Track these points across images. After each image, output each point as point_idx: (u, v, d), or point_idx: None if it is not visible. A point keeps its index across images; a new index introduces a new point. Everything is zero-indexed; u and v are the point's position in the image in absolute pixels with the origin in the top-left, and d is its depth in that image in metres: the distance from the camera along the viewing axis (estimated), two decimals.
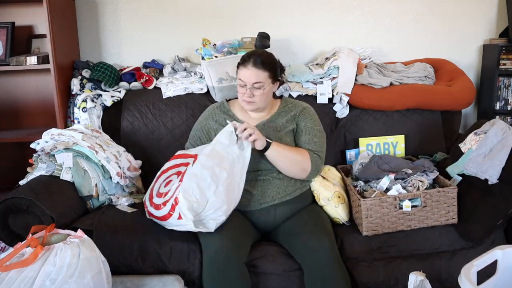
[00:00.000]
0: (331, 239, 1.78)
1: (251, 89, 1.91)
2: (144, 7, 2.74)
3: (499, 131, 1.92)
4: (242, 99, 1.96)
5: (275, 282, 1.79)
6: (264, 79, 1.92)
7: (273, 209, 1.90)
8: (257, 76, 1.90)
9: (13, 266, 1.38)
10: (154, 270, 1.79)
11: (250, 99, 1.93)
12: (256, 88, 1.92)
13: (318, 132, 2.03)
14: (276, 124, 2.00)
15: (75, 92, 2.52)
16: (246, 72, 1.91)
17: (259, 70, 1.91)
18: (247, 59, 1.93)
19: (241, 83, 1.94)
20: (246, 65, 1.91)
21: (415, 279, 1.52)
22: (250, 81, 1.91)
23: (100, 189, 2.04)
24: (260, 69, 1.91)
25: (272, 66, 1.96)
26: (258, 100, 1.94)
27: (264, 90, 1.93)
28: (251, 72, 1.90)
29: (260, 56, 1.93)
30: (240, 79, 1.93)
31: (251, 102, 1.95)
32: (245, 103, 1.96)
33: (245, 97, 1.94)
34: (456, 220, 1.91)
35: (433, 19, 2.79)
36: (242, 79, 1.92)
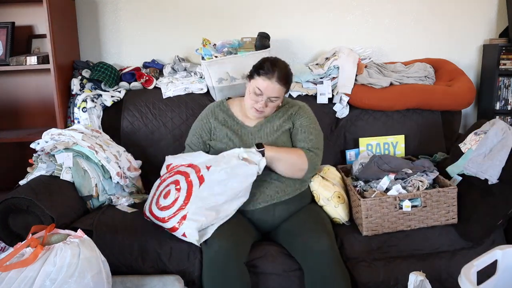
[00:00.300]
0: (331, 239, 1.78)
1: (267, 101, 1.90)
2: (144, 7, 2.74)
3: (499, 131, 1.92)
4: (252, 106, 1.93)
5: (275, 282, 1.79)
6: (282, 94, 1.92)
7: (272, 208, 1.90)
8: (278, 92, 1.89)
9: (13, 266, 1.38)
10: (154, 270, 1.80)
11: (263, 109, 1.91)
12: (271, 102, 1.91)
13: (314, 130, 2.00)
14: (273, 124, 1.99)
15: (75, 92, 2.52)
16: (269, 84, 1.86)
17: (281, 86, 1.89)
18: (271, 71, 1.86)
19: (258, 92, 1.89)
20: (270, 77, 1.86)
21: (415, 279, 1.52)
22: (270, 95, 1.88)
23: (100, 189, 2.04)
24: (282, 86, 1.89)
25: (290, 81, 1.95)
26: (268, 112, 1.95)
27: (276, 103, 1.93)
28: (273, 86, 1.87)
29: (283, 71, 1.89)
30: (259, 88, 1.88)
31: (262, 112, 1.93)
32: (254, 110, 1.93)
33: (258, 106, 1.91)
34: (456, 220, 1.91)
35: (433, 19, 2.79)
36: (262, 90, 1.88)
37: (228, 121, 2.02)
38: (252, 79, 1.92)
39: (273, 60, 1.94)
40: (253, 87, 1.90)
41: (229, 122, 2.01)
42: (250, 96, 1.92)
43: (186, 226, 1.72)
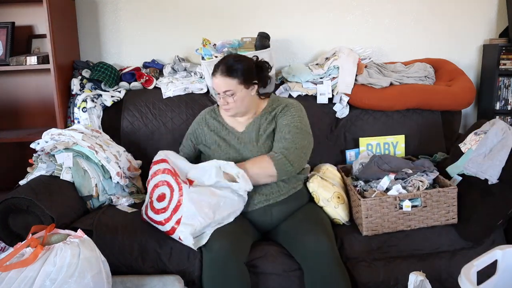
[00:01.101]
0: (330, 239, 1.78)
1: (224, 97, 1.91)
2: (144, 7, 2.74)
3: (499, 131, 1.92)
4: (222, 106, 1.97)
5: (275, 282, 1.79)
6: (234, 87, 1.88)
7: (269, 209, 1.90)
8: (226, 85, 1.88)
9: (13, 266, 1.38)
10: (154, 270, 1.80)
11: (226, 106, 1.93)
12: (228, 96, 1.91)
13: (294, 128, 1.91)
14: (259, 126, 1.98)
15: (75, 92, 2.52)
16: (215, 80, 1.91)
17: (226, 78, 1.88)
18: (216, 68, 1.92)
19: (215, 91, 1.96)
20: (215, 74, 1.91)
21: (415, 279, 1.52)
22: (220, 90, 1.91)
23: (100, 189, 2.04)
24: (227, 77, 1.88)
25: (241, 72, 1.89)
26: (233, 107, 1.93)
27: (236, 97, 1.90)
28: (219, 81, 1.90)
29: (226, 64, 1.90)
30: (213, 87, 1.96)
31: (228, 109, 1.95)
32: (224, 110, 1.98)
33: (221, 105, 1.96)
34: (456, 220, 1.91)
35: (433, 19, 2.79)
36: (215, 88, 1.94)
37: (218, 127, 2.03)
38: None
39: (222, 58, 1.98)
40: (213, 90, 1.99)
41: (218, 128, 2.02)
42: (216, 98, 2.01)
43: (180, 230, 1.73)
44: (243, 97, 1.92)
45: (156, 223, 1.81)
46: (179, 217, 1.74)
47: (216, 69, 1.91)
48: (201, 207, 1.73)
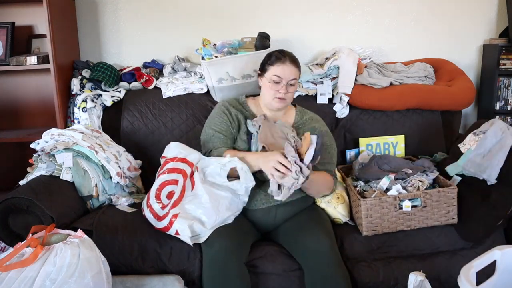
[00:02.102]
0: (331, 239, 1.78)
1: (287, 86, 1.93)
2: (144, 7, 2.74)
3: (498, 131, 1.92)
4: (274, 96, 1.94)
5: (275, 282, 1.79)
6: (297, 76, 1.97)
7: (274, 209, 1.90)
8: (294, 73, 1.94)
9: (13, 266, 1.38)
10: (154, 270, 1.80)
11: (285, 95, 1.93)
12: (291, 85, 1.94)
13: (334, 150, 2.04)
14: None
15: (75, 92, 2.52)
16: (285, 68, 1.91)
17: (295, 67, 1.94)
18: (283, 56, 1.94)
19: (276, 80, 1.92)
20: (284, 61, 1.92)
21: (415, 279, 1.52)
22: (288, 78, 1.92)
23: (100, 189, 2.04)
24: (296, 66, 1.95)
25: (300, 65, 2.00)
26: (289, 97, 1.97)
27: (294, 87, 1.97)
28: (290, 69, 1.92)
29: (292, 55, 1.98)
30: (277, 75, 1.92)
31: (283, 100, 1.95)
32: (277, 100, 1.94)
33: (280, 94, 1.93)
34: (456, 220, 1.91)
35: (433, 19, 2.79)
36: (280, 75, 1.92)
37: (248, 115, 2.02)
38: (266, 72, 1.97)
39: (279, 50, 2.01)
40: (270, 78, 1.94)
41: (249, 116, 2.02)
42: (270, 87, 1.94)
43: (178, 223, 1.73)
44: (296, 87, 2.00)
45: (155, 216, 1.82)
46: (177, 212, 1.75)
47: (282, 56, 1.94)
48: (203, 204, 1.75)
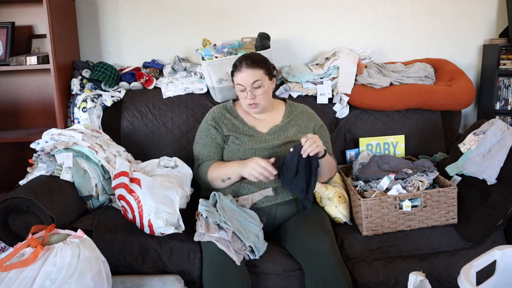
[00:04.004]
0: (331, 239, 1.78)
1: (252, 91, 1.92)
2: (144, 7, 2.74)
3: (497, 131, 1.91)
4: (246, 104, 1.96)
5: (275, 282, 1.79)
6: (261, 77, 1.93)
7: (274, 208, 1.91)
8: (254, 75, 1.91)
9: (13, 266, 1.38)
10: (154, 270, 1.79)
11: (253, 101, 1.94)
12: (256, 88, 1.93)
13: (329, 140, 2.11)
14: (287, 134, 2.00)
15: (75, 92, 2.52)
16: (242, 75, 1.92)
17: (254, 70, 1.92)
18: (239, 64, 1.95)
19: (240, 88, 1.94)
20: (240, 68, 1.93)
21: (415, 279, 1.52)
22: (248, 83, 1.91)
23: (100, 189, 2.04)
24: (254, 68, 1.92)
25: (265, 63, 1.97)
26: (260, 100, 1.95)
27: (264, 88, 1.94)
28: (246, 74, 1.91)
29: (250, 57, 1.96)
30: (239, 83, 1.94)
31: (255, 104, 1.95)
32: (249, 107, 1.97)
33: (248, 100, 1.94)
34: (456, 220, 1.91)
35: (433, 19, 2.79)
36: (241, 83, 1.93)
37: (237, 124, 2.02)
38: (233, 82, 2.00)
39: (240, 56, 2.01)
40: (236, 87, 1.97)
41: (238, 125, 2.02)
42: (240, 96, 1.98)
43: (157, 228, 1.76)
44: (268, 89, 1.97)
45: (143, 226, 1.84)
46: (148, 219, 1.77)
47: (238, 64, 1.94)
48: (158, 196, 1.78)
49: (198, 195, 2.06)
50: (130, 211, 1.82)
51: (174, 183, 1.86)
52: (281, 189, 1.91)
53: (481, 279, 1.46)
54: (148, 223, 1.77)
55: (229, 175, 1.89)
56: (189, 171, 1.99)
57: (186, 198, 1.90)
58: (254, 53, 2.03)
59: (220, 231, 1.74)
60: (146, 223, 1.77)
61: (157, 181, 1.83)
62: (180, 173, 1.96)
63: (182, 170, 1.98)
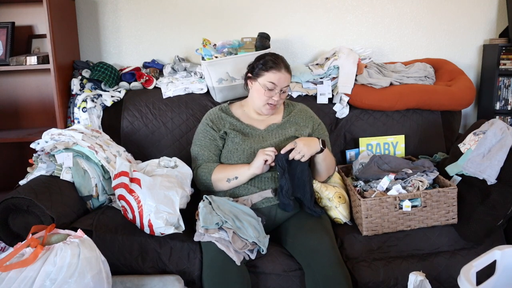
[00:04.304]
0: (331, 239, 1.78)
1: (280, 93, 1.94)
2: (144, 7, 2.74)
3: (497, 131, 1.91)
4: (266, 102, 1.96)
5: (275, 282, 1.79)
6: (290, 82, 1.98)
7: (274, 209, 1.91)
8: (288, 80, 1.95)
9: (13, 266, 1.38)
10: (154, 270, 1.79)
11: (277, 102, 1.96)
12: (283, 92, 1.95)
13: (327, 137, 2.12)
14: (286, 132, 2.01)
15: (75, 92, 2.52)
16: (281, 76, 1.92)
17: (288, 74, 1.95)
18: (279, 62, 1.93)
19: (271, 87, 1.93)
20: (280, 69, 1.92)
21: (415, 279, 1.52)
22: (282, 85, 1.93)
23: (100, 189, 2.04)
24: (289, 73, 1.96)
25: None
26: (280, 104, 2.00)
27: (287, 92, 1.99)
28: (285, 77, 1.93)
29: (283, 60, 1.97)
30: (272, 82, 1.92)
31: (275, 106, 1.97)
32: (268, 107, 1.97)
33: (273, 101, 1.95)
34: (456, 220, 1.91)
35: (433, 19, 2.79)
36: (275, 83, 1.92)
37: (235, 124, 2.03)
38: (259, 77, 1.96)
39: (271, 53, 2.01)
40: (264, 84, 1.94)
41: (237, 124, 2.03)
42: (264, 93, 1.95)
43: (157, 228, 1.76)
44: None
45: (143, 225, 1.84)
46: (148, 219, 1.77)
47: (278, 63, 1.93)
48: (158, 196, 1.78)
49: (198, 195, 2.06)
50: (130, 211, 1.82)
51: (174, 183, 1.86)
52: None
53: (481, 279, 1.46)
54: (148, 223, 1.77)
55: (237, 174, 1.89)
56: (189, 171, 1.99)
57: (186, 198, 1.89)
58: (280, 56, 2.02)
59: (220, 231, 1.74)
60: (146, 223, 1.77)
61: (157, 181, 1.83)
62: (180, 173, 1.96)
63: (182, 170, 1.98)
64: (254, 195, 1.89)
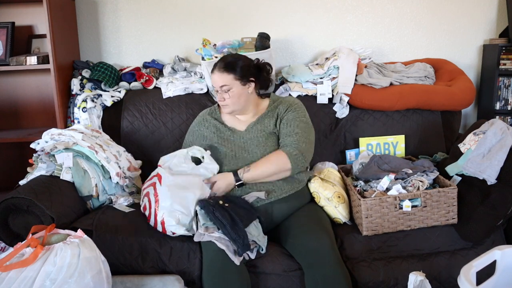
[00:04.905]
0: (331, 239, 1.78)
1: (221, 93, 1.99)
2: (144, 7, 2.74)
3: (497, 131, 1.91)
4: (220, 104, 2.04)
5: (275, 282, 1.79)
6: (230, 82, 1.96)
7: (270, 207, 1.91)
8: (222, 80, 1.97)
9: (13, 266, 1.38)
10: (154, 270, 1.80)
11: (222, 102, 2.00)
12: (225, 92, 1.98)
13: (301, 122, 1.99)
14: (264, 126, 2.03)
15: (75, 92, 2.52)
16: (214, 77, 1.99)
17: (223, 74, 1.96)
18: (214, 65, 2.01)
19: (215, 89, 2.02)
20: (213, 71, 2.00)
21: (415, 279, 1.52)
22: (217, 85, 1.99)
23: (100, 189, 2.04)
24: (223, 73, 1.96)
25: (237, 68, 1.96)
26: (229, 103, 2.00)
27: (233, 92, 1.97)
28: (216, 77, 1.98)
29: (224, 60, 2.00)
30: (212, 85, 2.03)
31: (225, 106, 2.01)
32: (222, 107, 2.04)
33: (219, 101, 2.02)
34: (456, 220, 1.91)
35: (433, 19, 2.79)
36: (213, 85, 2.02)
37: (219, 127, 2.07)
38: None
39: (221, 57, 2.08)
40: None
41: (220, 128, 2.07)
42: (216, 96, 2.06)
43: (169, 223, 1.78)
44: (239, 93, 1.99)
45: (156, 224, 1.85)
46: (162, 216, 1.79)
47: (214, 66, 2.00)
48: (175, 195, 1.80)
49: None
50: (149, 207, 1.85)
51: (194, 184, 1.86)
52: (275, 187, 1.92)
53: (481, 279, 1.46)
54: (161, 220, 1.79)
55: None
56: (215, 168, 1.95)
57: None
58: (231, 56, 2.06)
59: (219, 231, 1.74)
60: (160, 220, 1.79)
61: (177, 180, 1.85)
62: (206, 170, 1.94)
63: (208, 166, 1.95)
64: (246, 196, 1.91)
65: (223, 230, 1.71)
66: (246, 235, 1.71)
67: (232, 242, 1.70)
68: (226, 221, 1.70)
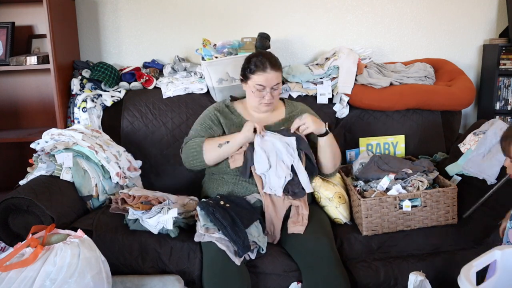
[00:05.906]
0: (330, 239, 1.78)
1: (272, 91, 1.95)
2: (144, 7, 2.74)
3: (497, 131, 1.92)
4: (260, 102, 1.97)
5: (275, 282, 1.79)
6: (280, 79, 1.98)
7: None
8: (277, 78, 1.95)
9: (13, 266, 1.38)
10: (154, 270, 1.80)
11: (271, 100, 1.96)
12: (274, 90, 1.95)
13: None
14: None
15: (75, 92, 2.52)
16: (267, 76, 1.92)
17: (277, 72, 1.95)
18: (262, 63, 1.93)
19: (259, 88, 1.94)
20: (264, 69, 1.92)
21: (415, 279, 1.52)
22: (271, 84, 1.93)
23: (100, 189, 2.04)
24: (277, 71, 1.95)
25: (280, 64, 2.00)
26: (275, 101, 2.00)
27: (279, 89, 1.99)
28: (271, 76, 1.92)
29: (272, 58, 1.97)
30: (260, 84, 1.93)
31: (270, 104, 1.98)
32: (264, 105, 1.98)
33: (266, 100, 1.96)
34: (456, 220, 1.91)
35: (433, 19, 2.79)
36: (263, 83, 1.93)
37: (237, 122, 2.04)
38: (248, 80, 1.97)
39: (257, 53, 2.02)
40: (253, 86, 1.94)
41: (237, 122, 2.03)
42: (255, 95, 1.96)
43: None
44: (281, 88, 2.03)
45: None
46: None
47: (262, 64, 1.93)
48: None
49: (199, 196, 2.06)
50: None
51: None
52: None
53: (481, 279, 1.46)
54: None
55: (228, 138, 1.91)
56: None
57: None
58: (272, 54, 2.01)
59: (220, 232, 1.74)
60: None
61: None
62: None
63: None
64: (248, 196, 1.90)
65: (223, 231, 1.71)
66: (246, 236, 1.71)
67: (233, 243, 1.70)
68: (226, 222, 1.70)
